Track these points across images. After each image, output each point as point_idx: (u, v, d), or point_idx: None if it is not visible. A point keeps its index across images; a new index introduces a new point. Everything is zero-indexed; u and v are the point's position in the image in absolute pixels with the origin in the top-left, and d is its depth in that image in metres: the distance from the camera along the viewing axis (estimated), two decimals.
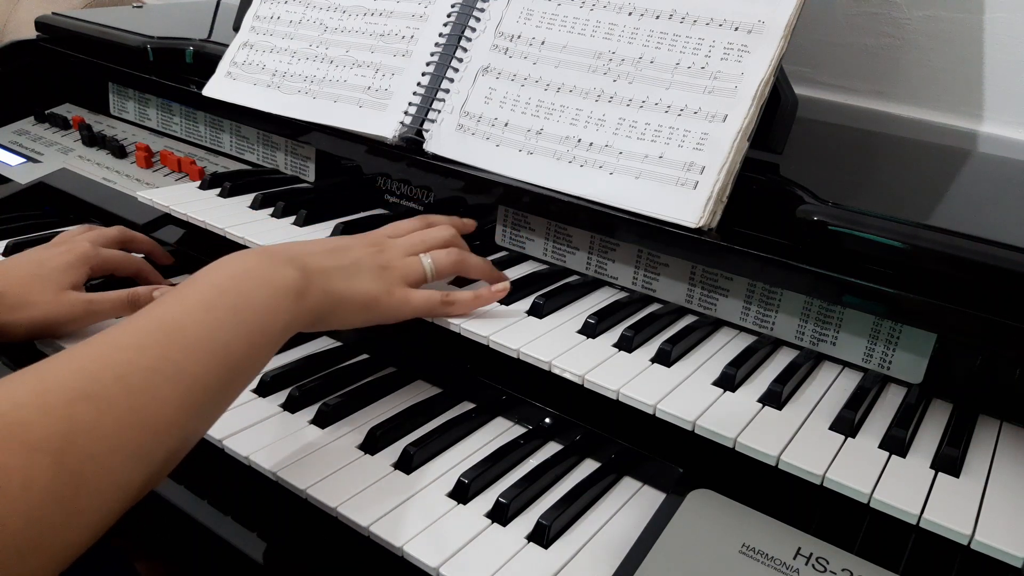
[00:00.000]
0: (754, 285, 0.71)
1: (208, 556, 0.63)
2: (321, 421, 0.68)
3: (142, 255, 0.91)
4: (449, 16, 0.87)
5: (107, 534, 0.45)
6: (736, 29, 0.71)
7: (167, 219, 0.96)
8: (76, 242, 0.83)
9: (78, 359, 0.47)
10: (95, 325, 0.79)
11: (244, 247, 0.83)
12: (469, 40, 0.85)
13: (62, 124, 1.26)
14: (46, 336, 0.77)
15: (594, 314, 0.71)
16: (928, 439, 0.60)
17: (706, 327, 0.72)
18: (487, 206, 0.86)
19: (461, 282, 0.77)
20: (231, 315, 0.53)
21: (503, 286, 0.73)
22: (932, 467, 0.56)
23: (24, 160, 1.17)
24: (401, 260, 0.69)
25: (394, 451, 0.65)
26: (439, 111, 0.84)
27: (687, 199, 0.68)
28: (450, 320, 0.69)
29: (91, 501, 0.43)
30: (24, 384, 0.44)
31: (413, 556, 0.55)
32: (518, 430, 0.70)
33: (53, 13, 1.29)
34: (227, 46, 1.02)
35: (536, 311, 0.72)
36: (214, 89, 1.00)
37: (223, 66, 1.01)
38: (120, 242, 0.88)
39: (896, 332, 0.66)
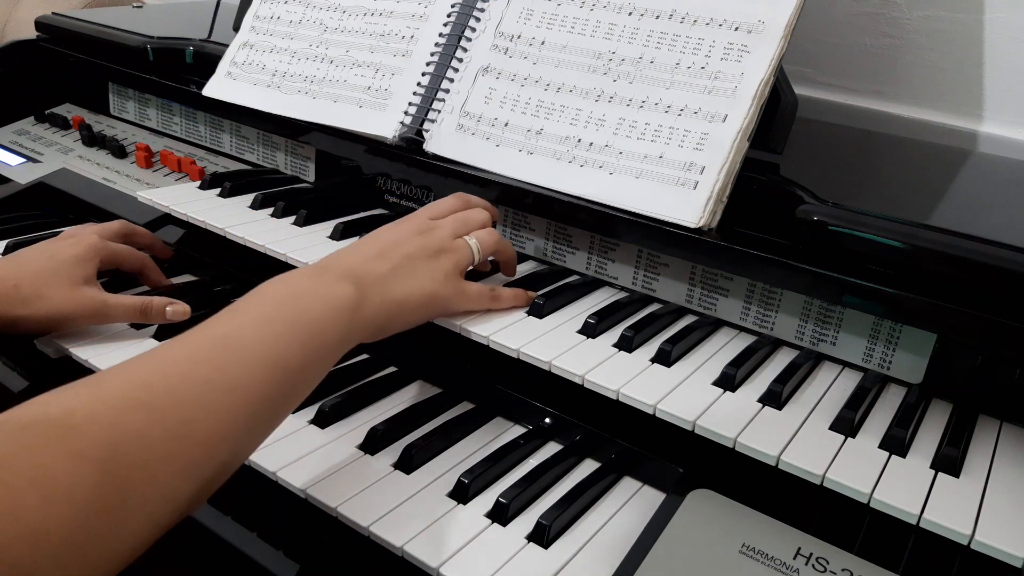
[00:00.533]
0: (754, 285, 0.71)
1: (207, 556, 0.63)
2: (321, 421, 0.68)
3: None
4: (449, 16, 0.87)
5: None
6: (736, 29, 0.71)
7: (167, 219, 0.96)
8: (84, 234, 0.83)
9: (132, 370, 0.47)
10: (106, 326, 0.80)
11: (244, 247, 0.83)
12: (469, 40, 0.85)
13: (62, 124, 1.26)
14: (57, 331, 0.78)
15: (594, 314, 0.71)
16: (928, 439, 0.60)
17: (706, 327, 0.72)
18: None
19: (472, 274, 0.77)
20: (287, 329, 0.53)
21: (526, 295, 0.74)
22: (932, 467, 0.56)
23: (24, 160, 1.17)
24: (451, 243, 0.68)
25: (394, 451, 0.65)
26: (439, 111, 0.84)
27: (687, 199, 0.68)
28: (450, 320, 0.69)
29: (137, 512, 0.42)
30: (77, 392, 0.44)
31: (413, 556, 0.55)
32: (518, 430, 0.70)
33: (53, 13, 1.29)
34: (227, 46, 1.02)
35: (536, 311, 0.72)
36: (214, 89, 1.00)
37: (223, 66, 1.01)
38: (123, 235, 0.88)
39: (896, 332, 0.66)
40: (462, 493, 0.61)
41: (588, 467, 0.66)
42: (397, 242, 0.66)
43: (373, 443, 0.66)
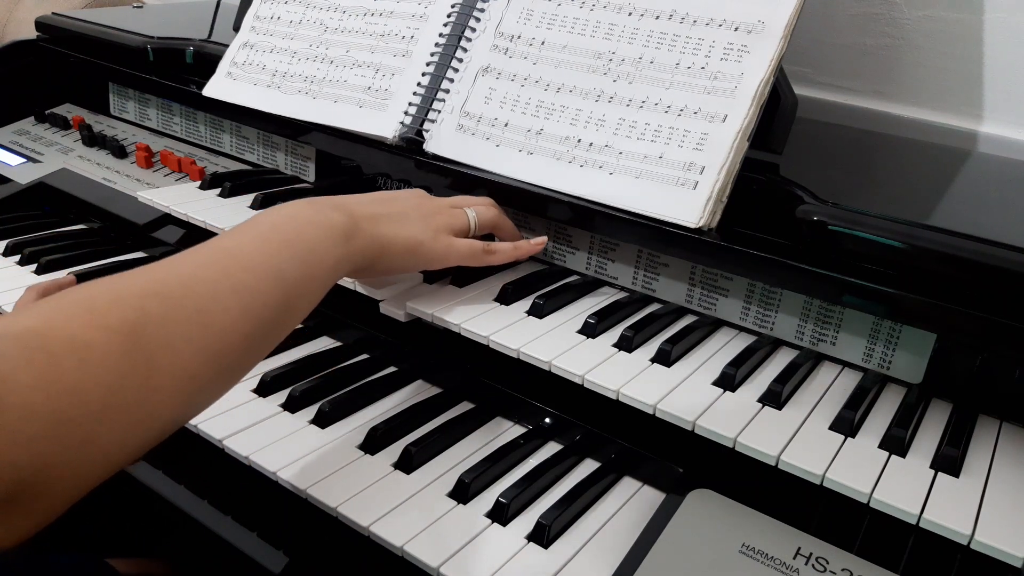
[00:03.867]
0: (754, 285, 0.71)
1: (207, 555, 0.63)
2: (321, 421, 0.68)
3: None
4: (449, 16, 0.87)
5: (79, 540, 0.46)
6: (736, 29, 0.71)
7: (167, 219, 0.96)
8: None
9: (145, 271, 0.50)
10: None
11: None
12: (469, 40, 0.85)
13: (62, 124, 1.26)
14: None
15: (594, 314, 0.71)
16: (928, 439, 0.60)
17: (706, 327, 0.72)
18: None
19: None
20: (285, 247, 0.56)
21: (541, 239, 0.77)
22: (932, 467, 0.56)
23: (24, 160, 1.17)
24: (447, 210, 0.72)
25: (394, 451, 0.65)
26: (439, 111, 0.84)
27: (687, 199, 0.68)
28: (450, 320, 0.69)
29: (164, 380, 0.46)
30: (98, 283, 0.48)
31: (413, 556, 0.55)
32: (518, 430, 0.70)
33: (53, 13, 1.29)
34: (227, 46, 1.02)
35: (536, 311, 0.72)
36: (214, 89, 1.00)
37: (223, 66, 1.01)
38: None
39: (896, 332, 0.66)
40: (462, 493, 0.61)
41: (588, 467, 0.66)
42: (395, 198, 0.71)
43: (373, 443, 0.66)
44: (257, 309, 0.52)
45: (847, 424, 0.59)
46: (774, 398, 0.62)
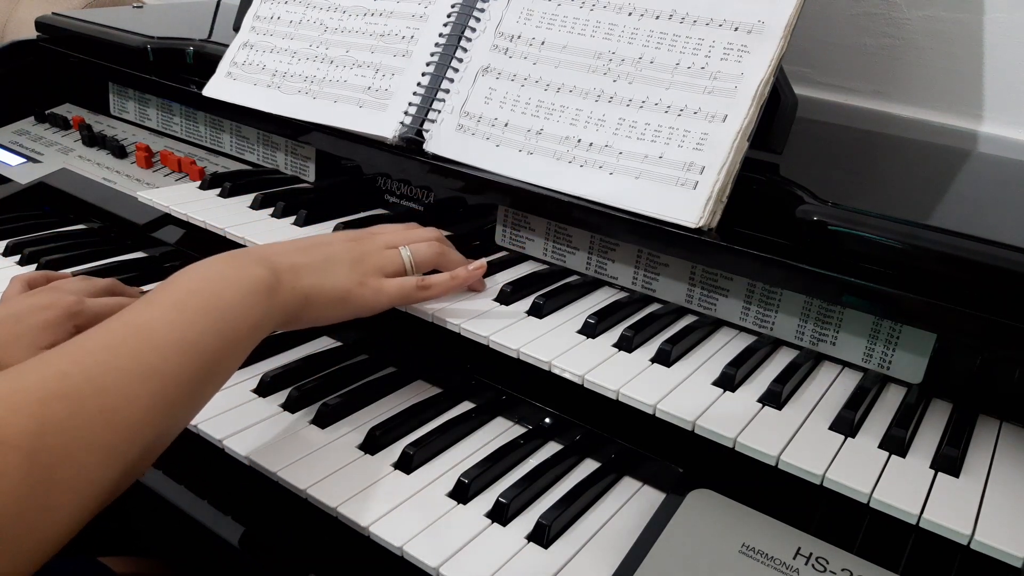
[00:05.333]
0: (754, 285, 0.71)
1: (207, 555, 0.63)
2: (321, 421, 0.68)
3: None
4: (449, 16, 0.87)
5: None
6: (736, 29, 0.71)
7: (167, 219, 0.96)
8: (59, 296, 0.73)
9: (51, 361, 0.47)
10: None
11: (244, 247, 0.83)
12: (469, 40, 0.85)
13: (62, 124, 1.26)
14: None
15: (594, 314, 0.71)
16: (928, 439, 0.60)
17: (706, 327, 0.72)
18: (487, 206, 0.86)
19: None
20: (201, 316, 0.53)
21: (480, 263, 0.74)
22: (932, 467, 0.56)
23: (24, 160, 1.17)
24: (379, 252, 0.69)
25: (394, 451, 0.65)
26: (439, 111, 0.84)
27: (687, 199, 0.68)
28: (449, 320, 0.69)
29: (64, 497, 0.43)
30: None
31: (413, 556, 0.55)
32: (518, 430, 0.70)
33: (53, 13, 1.29)
34: (227, 46, 1.02)
35: (536, 311, 0.72)
36: (214, 89, 1.00)
37: (223, 66, 1.01)
38: (110, 293, 0.81)
39: (896, 332, 0.66)
40: (462, 493, 0.61)
41: (588, 467, 0.66)
42: (323, 243, 0.68)
43: (373, 443, 0.66)
44: (170, 393, 0.49)
45: (847, 424, 0.59)
46: (774, 398, 0.62)
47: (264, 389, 0.72)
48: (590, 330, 0.69)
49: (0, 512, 0.40)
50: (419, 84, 0.86)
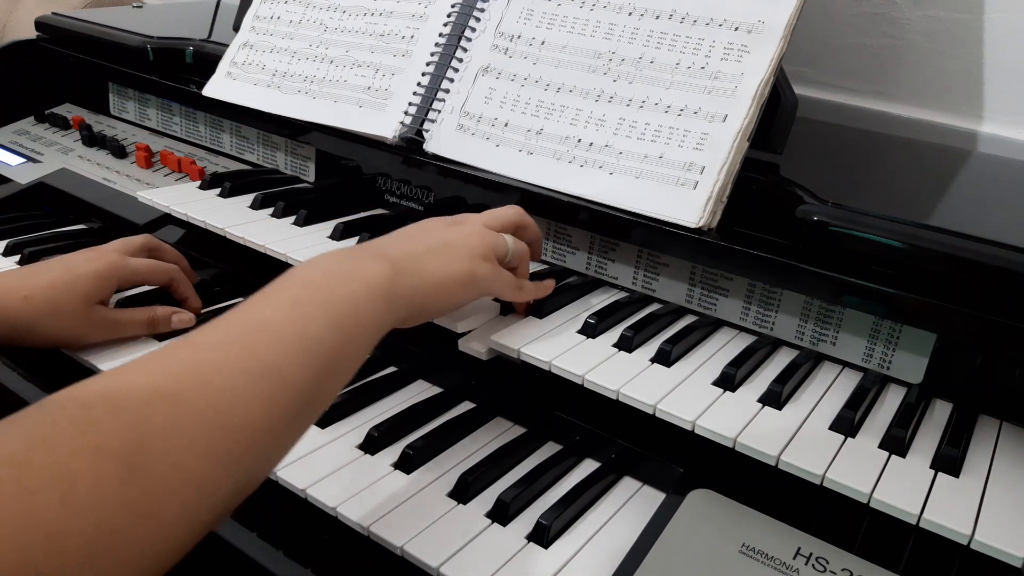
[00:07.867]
0: (754, 285, 0.71)
1: (205, 555, 0.63)
2: (321, 421, 0.68)
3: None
4: (449, 16, 0.87)
5: None
6: (736, 29, 0.71)
7: (167, 219, 0.96)
8: (105, 251, 0.79)
9: (158, 360, 0.44)
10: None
11: (244, 247, 0.83)
12: (469, 40, 0.85)
13: (62, 124, 1.26)
14: (68, 347, 0.75)
15: (594, 314, 0.71)
16: (928, 439, 0.60)
17: (706, 327, 0.72)
18: (487, 206, 0.86)
19: None
20: (321, 310, 0.50)
21: (550, 282, 0.73)
22: (932, 467, 0.56)
23: (24, 160, 1.17)
24: (486, 233, 0.66)
25: (394, 451, 0.65)
26: (439, 111, 0.84)
27: (687, 199, 0.68)
28: (449, 321, 0.69)
29: (168, 504, 0.39)
30: (98, 383, 0.41)
31: (413, 556, 0.55)
32: (518, 430, 0.70)
33: (53, 13, 1.29)
34: (227, 46, 1.02)
35: (536, 311, 0.72)
36: (214, 89, 1.00)
37: (223, 66, 1.01)
38: (146, 250, 0.85)
39: (896, 332, 0.66)
40: (462, 493, 0.61)
41: (588, 467, 0.66)
42: (430, 230, 0.64)
43: (373, 443, 0.66)
44: (288, 393, 0.45)
45: (847, 424, 0.59)
46: (774, 398, 0.62)
47: None
48: (590, 330, 0.69)
49: (94, 527, 0.35)
50: (419, 84, 0.86)
